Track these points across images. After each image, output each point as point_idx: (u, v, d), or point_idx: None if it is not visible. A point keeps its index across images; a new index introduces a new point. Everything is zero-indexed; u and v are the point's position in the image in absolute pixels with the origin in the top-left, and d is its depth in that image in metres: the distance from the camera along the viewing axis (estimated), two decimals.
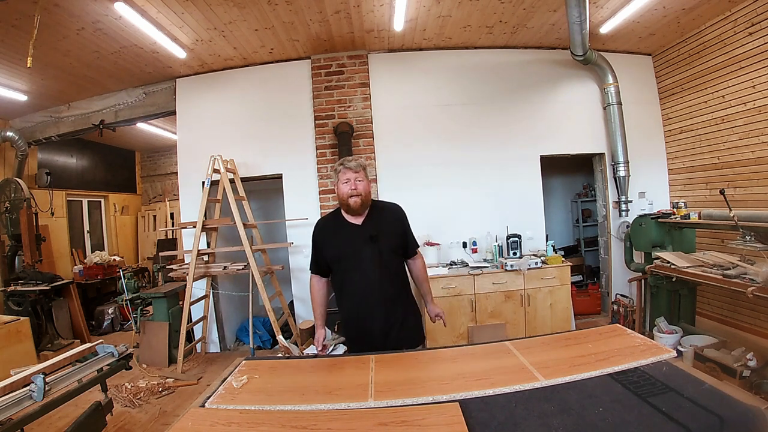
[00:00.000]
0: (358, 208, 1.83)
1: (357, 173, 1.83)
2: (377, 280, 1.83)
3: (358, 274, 1.84)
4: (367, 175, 1.89)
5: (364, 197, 1.83)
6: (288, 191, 4.39)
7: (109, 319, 5.41)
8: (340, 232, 1.89)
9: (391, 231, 1.90)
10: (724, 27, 3.72)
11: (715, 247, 3.71)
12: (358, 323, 1.88)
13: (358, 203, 1.81)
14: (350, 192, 1.81)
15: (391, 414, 1.12)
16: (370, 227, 1.86)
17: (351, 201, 1.82)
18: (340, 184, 1.86)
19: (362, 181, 1.84)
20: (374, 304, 1.83)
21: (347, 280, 1.88)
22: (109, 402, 2.17)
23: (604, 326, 1.66)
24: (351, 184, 1.82)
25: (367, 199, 1.85)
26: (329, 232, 1.92)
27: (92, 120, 4.86)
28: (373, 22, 3.75)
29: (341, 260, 1.88)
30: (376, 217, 1.90)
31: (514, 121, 4.46)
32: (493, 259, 4.04)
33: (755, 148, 3.58)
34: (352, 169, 1.84)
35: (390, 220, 1.93)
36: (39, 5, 2.81)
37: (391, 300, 1.88)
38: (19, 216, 4.69)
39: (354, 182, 1.82)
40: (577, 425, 1.02)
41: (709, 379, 1.22)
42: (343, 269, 1.89)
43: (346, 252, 1.86)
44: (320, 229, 1.95)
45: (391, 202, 2.03)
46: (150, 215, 7.69)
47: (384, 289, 1.84)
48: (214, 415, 1.18)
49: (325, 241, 1.92)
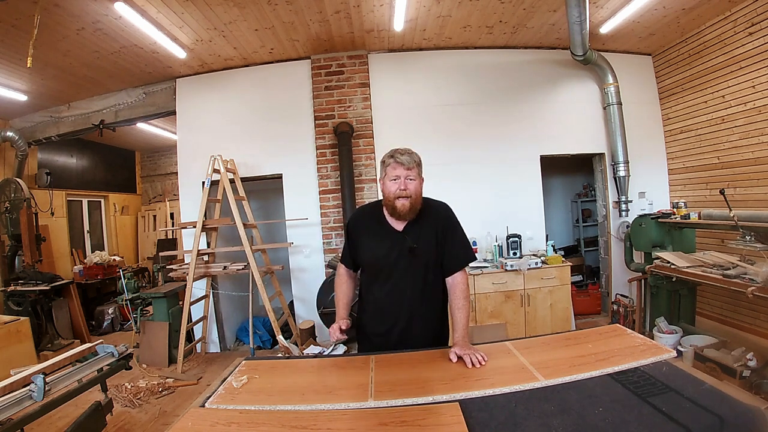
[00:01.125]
0: (405, 213, 1.55)
1: (410, 170, 1.54)
2: (410, 297, 1.61)
3: (389, 285, 1.63)
4: (421, 172, 1.61)
5: (414, 200, 1.55)
6: (288, 191, 4.39)
7: (109, 319, 5.41)
8: (378, 235, 1.64)
9: (432, 242, 1.62)
10: (724, 27, 3.72)
11: (715, 247, 3.71)
12: (376, 334, 1.69)
13: (406, 207, 1.54)
14: (398, 192, 1.53)
15: (391, 414, 1.12)
16: (411, 236, 1.60)
17: (398, 204, 1.54)
18: (388, 181, 1.57)
19: (414, 180, 1.55)
20: (402, 322, 1.63)
21: (377, 288, 1.67)
22: (109, 402, 2.17)
23: (604, 326, 1.66)
24: (401, 183, 1.53)
25: (416, 202, 1.57)
26: (365, 231, 1.67)
27: (92, 120, 4.86)
28: (373, 22, 3.75)
29: (373, 266, 1.67)
30: (420, 224, 1.62)
31: (514, 121, 4.46)
32: (493, 259, 4.04)
33: (755, 148, 3.58)
34: (404, 164, 1.54)
35: (432, 227, 1.63)
36: (39, 5, 2.81)
37: (423, 321, 1.65)
38: (19, 216, 4.69)
39: (404, 181, 1.53)
40: (577, 425, 1.02)
41: (709, 379, 1.22)
42: (374, 275, 1.68)
43: (379, 258, 1.63)
44: (355, 224, 1.71)
45: (439, 201, 1.71)
46: (150, 215, 7.69)
47: (416, 306, 1.62)
48: (214, 415, 1.18)
49: (359, 240, 1.68)
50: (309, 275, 4.34)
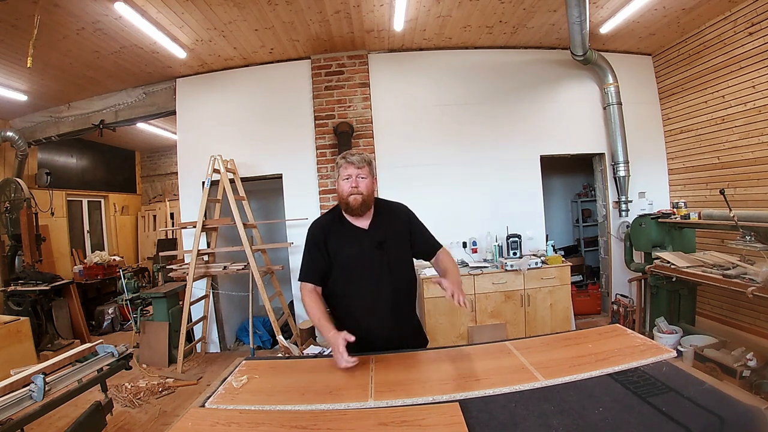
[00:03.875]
0: (357, 207, 1.62)
1: (360, 169, 1.63)
2: (386, 291, 1.65)
3: (364, 284, 1.66)
4: (372, 171, 1.69)
5: (366, 196, 1.63)
6: (288, 191, 4.39)
7: (109, 319, 5.41)
8: (343, 236, 1.68)
9: (400, 237, 1.71)
10: (724, 27, 3.72)
11: (715, 247, 3.71)
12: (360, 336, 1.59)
13: (358, 201, 1.61)
14: (351, 190, 1.62)
15: (391, 414, 1.12)
16: (377, 232, 1.67)
17: (350, 199, 1.62)
18: (341, 181, 1.65)
19: (365, 178, 1.64)
20: (382, 317, 1.66)
21: (351, 290, 1.67)
22: (109, 402, 2.17)
23: (604, 326, 1.66)
24: (352, 181, 1.62)
25: (369, 198, 1.64)
26: (331, 235, 1.68)
27: (92, 120, 4.87)
28: (373, 22, 3.75)
29: (345, 267, 1.67)
30: (384, 221, 1.70)
31: (514, 121, 4.46)
32: (493, 259, 4.04)
33: (755, 148, 3.58)
34: (354, 164, 1.63)
35: (397, 223, 1.73)
36: (39, 5, 2.82)
37: (401, 313, 1.71)
38: (19, 216, 4.69)
39: (356, 179, 1.62)
40: (577, 425, 1.02)
41: (709, 379, 1.22)
42: (347, 277, 1.67)
43: (351, 258, 1.66)
44: (320, 231, 1.70)
45: (397, 202, 1.82)
46: (150, 215, 7.69)
47: (393, 300, 1.67)
48: (214, 415, 1.18)
49: (327, 245, 1.67)
50: None
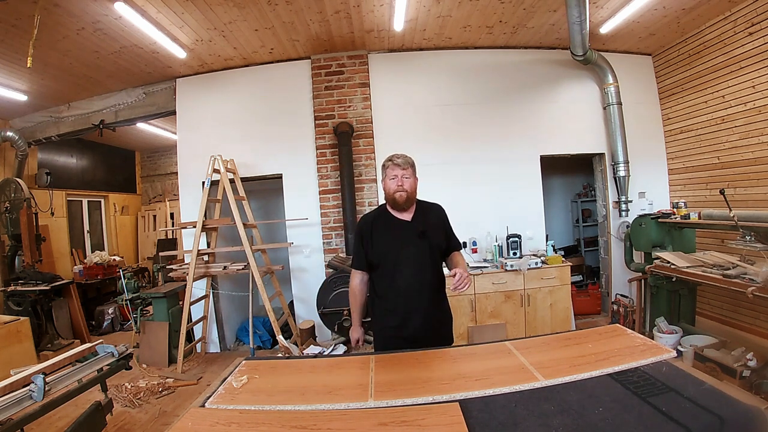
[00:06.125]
0: (403, 203, 1.88)
1: (405, 170, 1.88)
2: (426, 275, 1.88)
3: (406, 269, 1.87)
4: (415, 171, 1.94)
5: (410, 193, 1.89)
6: (288, 191, 4.39)
7: (109, 319, 5.41)
8: (390, 227, 1.92)
9: (438, 230, 1.96)
10: (724, 27, 3.72)
11: (715, 247, 3.71)
12: (402, 317, 1.88)
13: (403, 197, 1.87)
14: (397, 188, 1.87)
15: (391, 414, 1.12)
16: (419, 224, 1.91)
17: (397, 195, 1.87)
18: (387, 180, 1.91)
19: (409, 178, 1.89)
20: (422, 299, 1.87)
21: (396, 275, 1.89)
22: (109, 402, 2.17)
23: (604, 326, 1.66)
24: (398, 181, 1.87)
25: (412, 195, 1.91)
26: (377, 227, 1.94)
27: (92, 120, 4.86)
28: (373, 22, 3.75)
29: (389, 254, 1.89)
30: (424, 215, 1.96)
31: (514, 121, 4.46)
32: (493, 259, 4.04)
33: (755, 148, 3.58)
34: (399, 165, 1.89)
35: (434, 218, 1.98)
36: (39, 5, 2.82)
37: (437, 295, 1.94)
38: (19, 216, 4.69)
39: (401, 179, 1.87)
40: (577, 425, 1.02)
41: (709, 379, 1.22)
42: (391, 263, 1.90)
43: (396, 246, 1.89)
44: (370, 222, 1.96)
45: (434, 202, 2.08)
46: (150, 215, 7.69)
47: (432, 284, 1.89)
48: (214, 415, 1.18)
49: (374, 235, 1.92)
50: (309, 275, 4.34)
